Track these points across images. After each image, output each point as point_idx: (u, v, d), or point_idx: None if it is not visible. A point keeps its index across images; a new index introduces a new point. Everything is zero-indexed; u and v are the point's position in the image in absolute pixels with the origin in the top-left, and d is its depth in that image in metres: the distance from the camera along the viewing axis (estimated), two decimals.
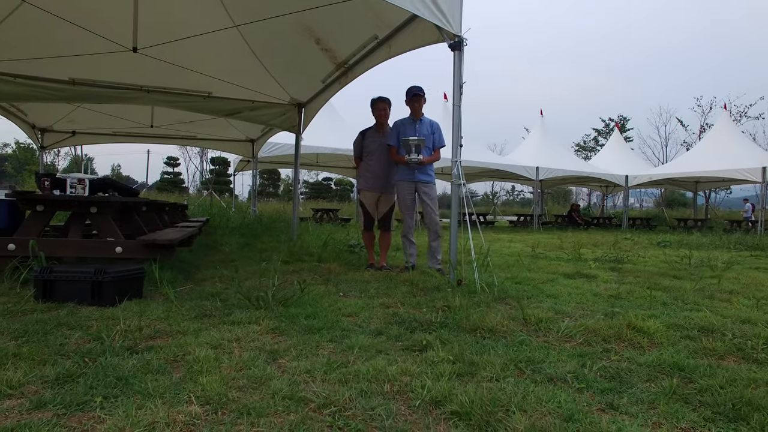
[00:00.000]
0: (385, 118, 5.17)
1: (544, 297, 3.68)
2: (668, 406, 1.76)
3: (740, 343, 2.46)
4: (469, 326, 2.69)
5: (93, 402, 1.58)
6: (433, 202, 4.87)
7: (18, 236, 3.81)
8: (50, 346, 2.17)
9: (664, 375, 2.07)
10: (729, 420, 1.66)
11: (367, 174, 5.16)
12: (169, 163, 46.47)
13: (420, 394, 1.73)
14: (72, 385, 1.72)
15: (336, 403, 1.63)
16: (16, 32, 5.28)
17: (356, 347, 2.28)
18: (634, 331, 2.65)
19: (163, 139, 10.96)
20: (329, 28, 5.33)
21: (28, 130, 9.58)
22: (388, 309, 3.18)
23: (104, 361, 1.96)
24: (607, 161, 18.78)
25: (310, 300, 3.28)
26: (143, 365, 1.95)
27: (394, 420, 1.55)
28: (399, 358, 2.14)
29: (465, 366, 2.06)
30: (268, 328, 2.57)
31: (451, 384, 1.82)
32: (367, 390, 1.77)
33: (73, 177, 3.92)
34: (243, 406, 1.60)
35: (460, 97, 4.05)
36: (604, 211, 24.35)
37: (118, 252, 3.92)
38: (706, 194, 24.81)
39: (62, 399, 1.60)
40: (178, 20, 5.26)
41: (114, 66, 6.15)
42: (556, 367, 2.12)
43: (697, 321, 2.93)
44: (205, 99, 7.20)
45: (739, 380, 1.96)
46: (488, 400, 1.66)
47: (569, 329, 2.69)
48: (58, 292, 3.08)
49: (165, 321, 2.68)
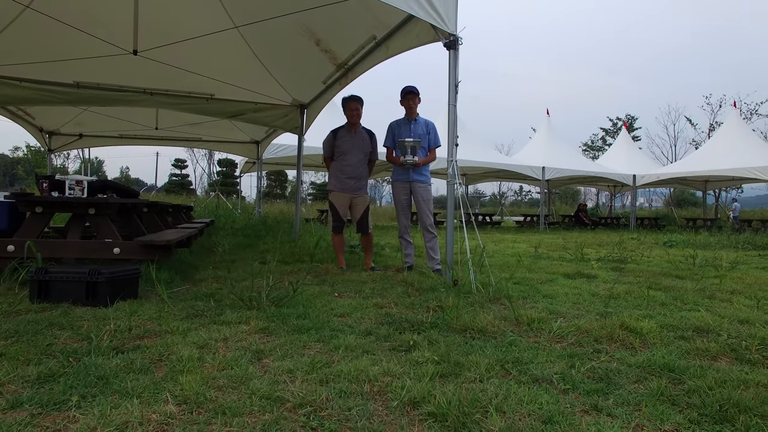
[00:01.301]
0: (357, 118, 5.08)
1: (540, 297, 3.65)
2: (654, 407, 1.73)
3: (734, 344, 2.41)
4: (459, 326, 2.67)
5: (69, 401, 1.59)
6: (427, 202, 4.85)
7: (17, 237, 3.85)
8: (38, 345, 2.18)
9: (653, 376, 2.04)
10: (714, 422, 1.63)
11: (340, 175, 5.05)
12: (177, 166, 46.85)
13: (399, 395, 1.71)
14: (52, 385, 1.73)
15: (312, 403, 1.62)
16: (20, 37, 5.35)
17: (342, 347, 2.27)
18: (627, 331, 2.62)
19: (169, 141, 11.04)
20: (329, 30, 5.34)
21: (35, 133, 9.70)
22: (381, 309, 3.16)
23: (88, 360, 1.97)
24: (615, 161, 18.60)
25: (303, 300, 3.28)
26: (126, 365, 1.95)
27: (369, 420, 1.53)
28: (384, 359, 2.12)
29: (449, 366, 2.04)
30: (257, 328, 2.57)
31: (431, 385, 1.80)
32: (347, 390, 1.76)
33: (71, 179, 3.95)
34: (219, 405, 1.59)
35: (456, 96, 4.03)
36: (612, 212, 24.12)
37: (116, 253, 3.94)
38: (716, 193, 24.50)
39: (39, 399, 1.60)
40: (178, 22, 5.29)
41: (117, 69, 6.21)
42: (543, 368, 2.09)
43: (693, 321, 2.88)
44: (208, 101, 7.25)
45: (729, 381, 1.92)
46: (467, 401, 1.64)
47: (561, 330, 2.66)
48: (54, 292, 3.11)
49: (156, 321, 2.69)
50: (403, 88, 4.91)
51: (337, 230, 5.09)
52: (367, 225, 5.13)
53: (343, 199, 5.06)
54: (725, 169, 14.93)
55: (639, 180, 17.22)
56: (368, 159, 5.19)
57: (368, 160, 5.20)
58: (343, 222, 5.11)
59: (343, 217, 5.09)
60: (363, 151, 5.09)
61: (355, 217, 5.15)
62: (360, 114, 5.11)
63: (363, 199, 5.13)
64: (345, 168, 5.03)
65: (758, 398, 1.76)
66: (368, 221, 5.15)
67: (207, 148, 18.65)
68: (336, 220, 5.08)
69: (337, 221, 5.07)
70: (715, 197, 24.75)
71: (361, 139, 5.10)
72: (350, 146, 5.05)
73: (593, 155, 36.27)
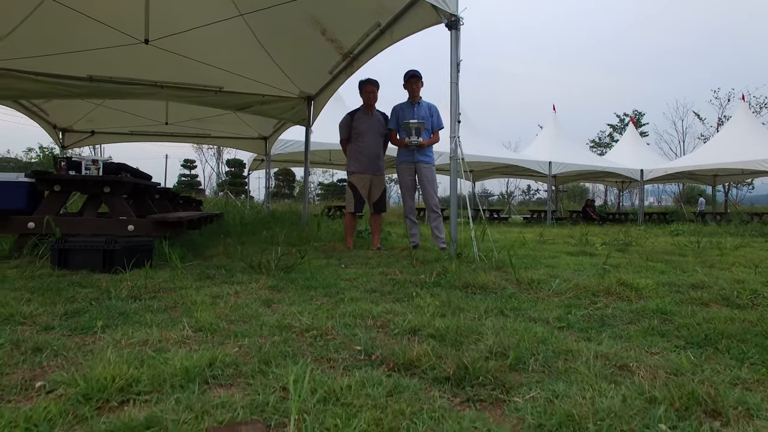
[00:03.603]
0: (373, 100, 5.20)
1: (542, 267, 3.73)
2: (643, 339, 1.82)
3: (727, 294, 2.49)
4: (460, 284, 2.77)
5: (95, 327, 1.71)
6: (432, 183, 4.95)
7: (37, 215, 4.01)
8: (62, 296, 2.32)
9: (645, 318, 2.13)
10: (698, 346, 1.72)
11: (359, 156, 5.15)
12: (186, 166, 47.33)
13: (400, 326, 1.82)
14: (78, 318, 1.86)
15: (319, 329, 1.73)
16: (36, 30, 5.54)
17: (348, 298, 2.38)
18: (624, 286, 2.70)
19: (178, 137, 11.23)
20: (334, 18, 5.46)
21: (49, 130, 9.93)
22: (386, 276, 3.27)
23: (109, 303, 2.10)
24: (622, 156, 18.56)
25: (311, 268, 3.39)
26: (145, 307, 2.08)
27: (371, 341, 1.64)
28: (387, 304, 2.23)
29: (450, 309, 2.14)
30: (267, 286, 2.69)
31: (431, 318, 1.91)
32: (351, 323, 1.87)
33: (87, 159, 4.11)
34: (231, 332, 1.71)
35: (458, 75, 4.13)
36: (620, 208, 24.02)
37: (130, 230, 4.09)
38: (725, 188, 24.31)
39: (68, 326, 1.73)
40: (186, 10, 5.44)
41: (129, 62, 6.39)
42: (541, 313, 2.18)
43: (689, 281, 2.96)
44: (217, 93, 7.42)
45: (717, 319, 2.01)
46: (464, 329, 1.74)
47: (560, 287, 2.75)
48: (72, 260, 3.25)
49: (170, 281, 2.81)
50: (406, 72, 5.03)
51: (356, 210, 5.16)
52: (384, 205, 5.26)
53: (364, 179, 5.14)
54: (735, 162, 14.81)
55: (647, 174, 17.14)
56: (384, 140, 5.29)
57: (384, 141, 5.29)
58: (363, 202, 5.17)
59: (364, 197, 5.15)
60: (379, 132, 5.20)
61: (373, 196, 5.22)
62: (376, 96, 5.23)
63: (381, 179, 5.24)
64: (363, 149, 5.13)
65: (742, 329, 1.85)
66: (385, 201, 5.26)
67: (215, 143, 18.88)
68: (357, 200, 5.14)
69: (358, 201, 5.13)
70: (724, 192, 24.56)
71: (377, 120, 5.21)
72: (367, 128, 5.15)
73: (600, 152, 36.10)
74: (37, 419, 0.99)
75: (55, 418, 1.01)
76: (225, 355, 1.39)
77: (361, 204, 5.15)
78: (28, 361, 1.37)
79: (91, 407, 1.07)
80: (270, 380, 1.25)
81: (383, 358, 1.46)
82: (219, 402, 1.09)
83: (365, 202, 5.20)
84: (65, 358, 1.41)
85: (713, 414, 1.11)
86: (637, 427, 1.01)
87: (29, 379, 1.24)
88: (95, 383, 1.14)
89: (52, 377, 1.23)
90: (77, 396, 1.10)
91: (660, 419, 1.05)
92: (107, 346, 1.47)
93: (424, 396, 1.18)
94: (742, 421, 1.07)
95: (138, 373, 1.20)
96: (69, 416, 1.03)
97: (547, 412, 1.08)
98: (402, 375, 1.33)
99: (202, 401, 1.10)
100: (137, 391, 1.14)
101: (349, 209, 5.20)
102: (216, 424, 1.00)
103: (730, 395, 1.19)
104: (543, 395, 1.19)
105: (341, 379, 1.23)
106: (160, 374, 1.22)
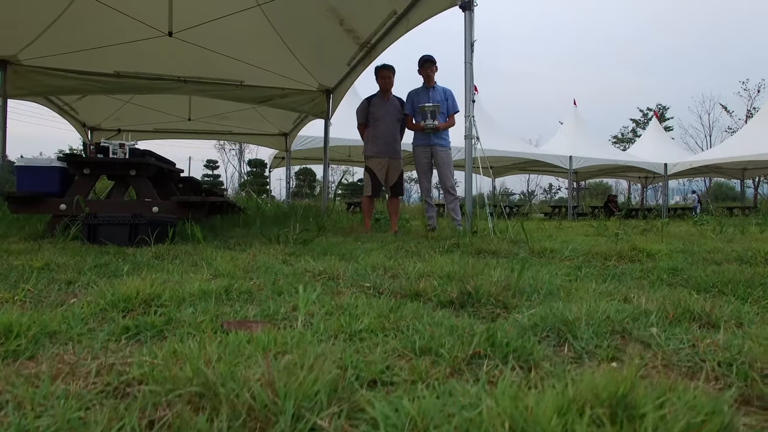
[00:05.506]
0: (389, 85, 5.27)
1: (557, 242, 3.75)
2: (651, 288, 1.84)
3: (740, 255, 2.48)
4: (473, 250, 2.82)
5: (121, 272, 1.83)
6: (448, 165, 4.99)
7: (68, 197, 4.21)
8: (90, 256, 2.45)
9: (655, 275, 2.14)
10: (704, 291, 1.74)
11: (377, 140, 5.21)
12: (209, 166, 48.26)
13: (409, 273, 1.88)
14: (106, 268, 1.98)
15: (331, 273, 1.81)
16: (66, 28, 5.80)
17: (362, 259, 2.46)
18: (637, 251, 2.71)
19: (201, 134, 11.52)
20: (351, 7, 5.56)
21: (79, 128, 10.32)
22: (401, 249, 3.33)
23: (133, 258, 2.22)
24: (645, 151, 18.21)
25: (328, 243, 3.48)
26: (168, 262, 2.19)
27: (381, 282, 1.71)
28: (400, 260, 2.30)
29: (459, 266, 2.19)
30: (284, 252, 2.79)
31: (440, 267, 1.97)
32: (362, 272, 1.94)
33: (114, 143, 4.29)
34: (249, 276, 1.80)
35: (472, 54, 4.18)
36: (643, 204, 23.57)
37: (155, 211, 4.24)
38: (755, 182, 23.62)
39: (97, 272, 1.86)
40: (207, 1, 5.61)
41: (153, 57, 6.62)
42: (550, 272, 2.22)
43: (705, 248, 2.94)
44: (238, 87, 7.61)
45: (727, 272, 2.01)
46: (471, 272, 1.80)
47: (572, 254, 2.77)
48: (101, 234, 3.41)
49: (192, 250, 2.93)
50: (420, 57, 5.09)
51: (375, 194, 5.24)
52: (401, 188, 5.34)
53: (382, 163, 5.20)
54: (765, 153, 14.33)
55: (671, 169, 16.77)
56: (400, 124, 5.36)
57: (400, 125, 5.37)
58: (381, 187, 5.23)
59: (381, 180, 5.20)
60: (396, 117, 5.27)
61: (390, 180, 5.27)
62: (392, 82, 5.31)
63: (398, 163, 5.30)
64: (380, 133, 5.21)
65: (752, 278, 1.85)
66: (402, 185, 5.32)
67: (237, 140, 19.28)
68: (374, 184, 5.20)
69: (375, 185, 5.20)
70: (754, 186, 23.87)
71: (394, 105, 5.29)
72: (383, 112, 5.23)
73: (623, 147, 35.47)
74: (71, 318, 1.09)
75: (87, 317, 1.11)
76: (241, 285, 1.48)
77: (378, 188, 5.20)
78: (62, 288, 1.48)
79: (118, 312, 1.17)
80: (281, 302, 1.33)
81: (392, 291, 1.52)
82: (232, 311, 1.18)
83: (383, 185, 5.25)
84: (94, 288, 1.52)
85: (707, 325, 1.15)
86: (628, 327, 1.06)
87: (64, 299, 1.34)
88: (122, 296, 1.24)
89: (83, 297, 1.34)
90: (105, 305, 1.20)
91: (652, 324, 1.09)
92: (132, 281, 1.58)
93: (426, 311, 1.24)
94: (733, 328, 1.11)
95: (160, 290, 1.30)
96: (98, 317, 1.13)
97: (542, 319, 1.14)
98: (408, 301, 1.40)
99: (217, 311, 1.18)
100: (159, 303, 1.24)
101: (366, 193, 5.27)
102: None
103: (725, 310, 1.22)
104: (541, 312, 1.24)
105: (348, 298, 1.30)
106: (179, 294, 1.31)
